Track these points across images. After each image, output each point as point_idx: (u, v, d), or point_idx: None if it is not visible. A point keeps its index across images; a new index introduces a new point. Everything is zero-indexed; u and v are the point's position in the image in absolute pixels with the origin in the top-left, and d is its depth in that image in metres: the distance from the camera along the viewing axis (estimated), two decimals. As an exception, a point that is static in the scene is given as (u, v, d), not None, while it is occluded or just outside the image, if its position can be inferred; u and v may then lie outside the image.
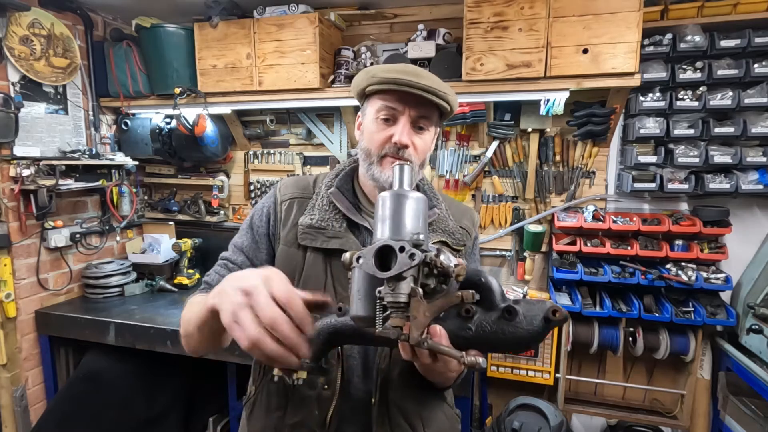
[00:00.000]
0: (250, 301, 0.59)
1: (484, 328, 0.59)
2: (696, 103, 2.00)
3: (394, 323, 0.53)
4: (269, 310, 0.58)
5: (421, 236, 0.54)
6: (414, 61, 2.17)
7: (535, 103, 2.13)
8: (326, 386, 0.89)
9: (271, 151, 2.78)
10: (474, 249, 1.08)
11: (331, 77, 2.31)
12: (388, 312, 0.54)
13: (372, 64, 2.32)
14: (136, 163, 2.63)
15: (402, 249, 0.52)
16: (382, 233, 0.57)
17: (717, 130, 1.99)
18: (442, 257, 0.54)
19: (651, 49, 1.99)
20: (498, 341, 0.59)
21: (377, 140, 0.92)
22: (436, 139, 1.01)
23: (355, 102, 2.27)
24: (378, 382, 0.90)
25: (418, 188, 1.03)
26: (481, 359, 0.57)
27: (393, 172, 0.64)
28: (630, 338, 2.22)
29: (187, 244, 2.64)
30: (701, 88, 2.01)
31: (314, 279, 0.91)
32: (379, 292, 0.54)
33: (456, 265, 0.54)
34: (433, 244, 0.91)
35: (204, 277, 1.00)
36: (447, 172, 2.48)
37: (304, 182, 1.04)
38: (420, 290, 0.53)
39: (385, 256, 0.54)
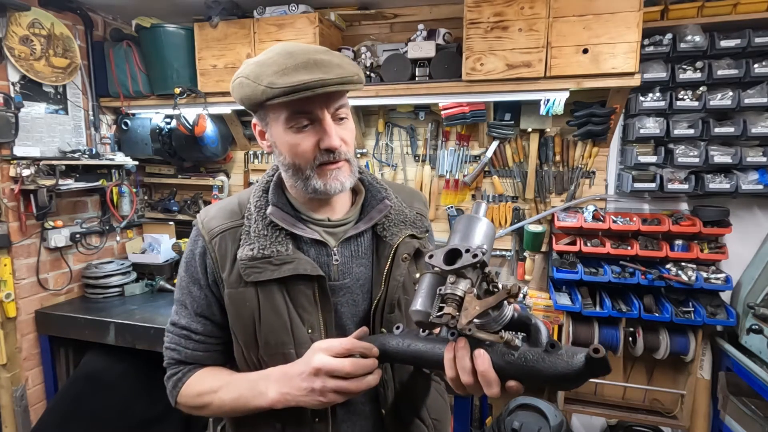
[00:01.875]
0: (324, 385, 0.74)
1: (527, 357, 0.62)
2: (696, 103, 2.00)
3: (447, 311, 0.60)
4: (338, 384, 0.73)
5: (485, 248, 0.65)
6: (414, 62, 2.17)
7: (535, 103, 2.13)
8: (317, 419, 0.83)
9: (271, 151, 2.77)
10: (430, 230, 1.03)
11: (331, 77, 2.31)
12: (443, 307, 0.62)
13: (372, 64, 2.32)
14: (136, 163, 2.63)
15: (467, 250, 0.62)
16: (453, 242, 0.68)
17: (717, 130, 1.99)
18: (494, 271, 0.62)
19: (651, 49, 1.99)
20: (538, 371, 0.61)
21: (304, 152, 0.79)
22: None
23: (355, 102, 2.30)
24: (386, 391, 0.88)
25: (362, 181, 0.95)
26: (517, 340, 0.62)
27: (473, 206, 0.74)
28: (630, 338, 2.22)
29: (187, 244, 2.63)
30: (701, 88, 2.01)
31: (274, 313, 0.82)
32: (440, 289, 0.63)
33: (512, 285, 0.61)
34: (404, 238, 0.90)
35: (167, 346, 0.92)
36: (447, 172, 2.48)
37: (228, 208, 0.91)
38: (475, 290, 0.61)
39: (452, 258, 0.64)
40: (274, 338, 0.83)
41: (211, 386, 0.87)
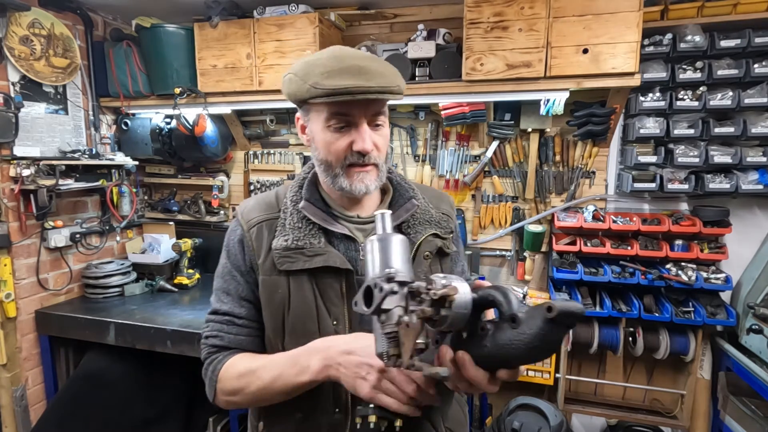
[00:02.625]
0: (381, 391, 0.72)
1: (497, 342, 0.59)
2: (696, 103, 2.00)
3: (390, 352, 0.59)
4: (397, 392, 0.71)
5: (393, 270, 0.59)
6: (414, 62, 2.17)
7: (535, 103, 2.13)
8: (337, 410, 0.85)
9: (271, 151, 2.78)
10: (457, 232, 1.05)
11: (331, 77, 2.31)
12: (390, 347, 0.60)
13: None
14: (136, 163, 2.63)
15: (375, 285, 0.58)
16: (373, 274, 0.63)
17: (717, 130, 1.99)
18: (416, 284, 0.57)
19: (651, 49, 1.99)
20: (510, 352, 0.58)
21: (337, 151, 0.84)
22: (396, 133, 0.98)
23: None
24: None
25: (390, 181, 0.98)
26: (440, 369, 0.60)
27: (375, 219, 0.67)
28: (630, 338, 2.22)
29: (187, 244, 2.64)
30: (701, 88, 2.01)
31: (303, 303, 0.86)
32: (382, 329, 0.60)
33: (441, 288, 0.57)
34: (427, 237, 0.92)
35: (207, 335, 0.94)
36: (447, 172, 2.48)
37: (266, 201, 0.96)
38: (407, 318, 0.56)
39: (369, 298, 0.60)
40: (300, 326, 0.86)
41: (250, 366, 0.86)
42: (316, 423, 0.87)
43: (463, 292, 0.59)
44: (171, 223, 2.82)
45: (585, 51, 1.88)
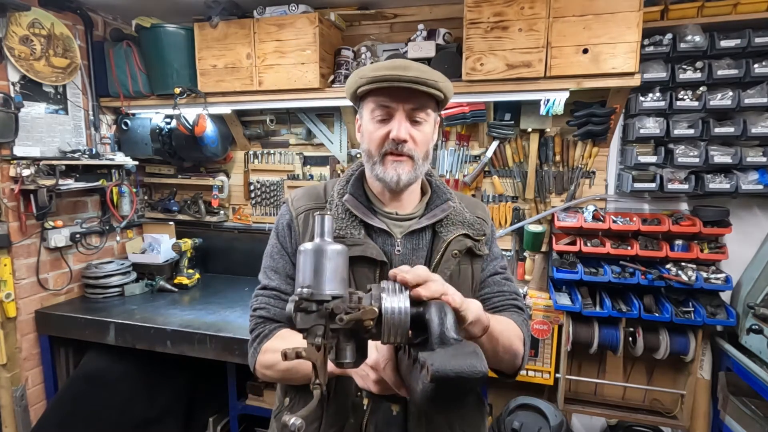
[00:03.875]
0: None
1: (412, 373, 0.58)
2: (696, 103, 2.00)
3: (317, 381, 0.59)
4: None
5: (306, 290, 0.57)
6: (414, 61, 2.17)
7: (535, 103, 2.13)
8: (359, 392, 0.89)
9: (271, 151, 2.78)
10: (493, 237, 1.08)
11: (331, 77, 2.31)
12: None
13: (372, 63, 2.31)
14: (136, 163, 2.63)
15: (293, 302, 0.57)
16: (299, 285, 0.61)
17: (717, 130, 1.99)
18: (332, 304, 0.56)
19: (651, 49, 1.99)
20: (414, 394, 0.56)
21: (376, 139, 0.92)
22: (438, 128, 1.00)
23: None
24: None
25: (430, 184, 1.04)
26: (290, 421, 0.56)
27: (315, 223, 0.65)
28: (630, 338, 2.21)
29: (187, 244, 2.64)
30: (701, 88, 2.01)
31: None
32: None
33: (357, 310, 0.56)
34: (457, 236, 0.96)
35: (255, 307, 0.99)
36: (447, 172, 2.48)
37: (314, 192, 1.04)
38: (319, 340, 0.57)
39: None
40: None
41: (293, 340, 0.88)
42: (339, 404, 0.90)
43: (393, 308, 0.57)
44: (171, 223, 2.82)
45: (585, 51, 1.88)
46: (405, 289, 0.61)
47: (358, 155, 2.62)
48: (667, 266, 2.13)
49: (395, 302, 0.58)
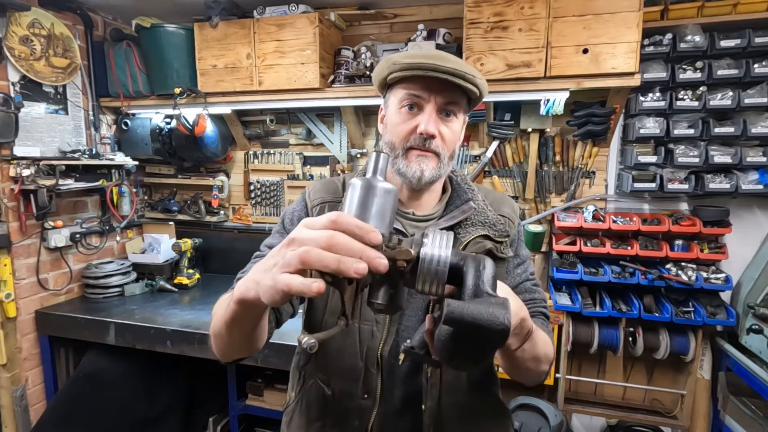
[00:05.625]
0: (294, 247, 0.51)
1: (437, 325, 0.53)
2: (696, 103, 2.00)
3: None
4: (318, 235, 0.49)
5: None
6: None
7: (535, 103, 2.12)
8: (366, 395, 0.86)
9: (271, 151, 2.78)
10: (519, 236, 1.01)
11: (331, 77, 2.31)
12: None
13: (372, 64, 2.31)
14: (136, 163, 2.63)
15: None
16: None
17: (717, 130, 1.99)
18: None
19: (651, 49, 1.99)
20: (436, 343, 0.53)
21: (401, 131, 0.86)
22: (464, 128, 0.93)
23: (355, 102, 2.30)
24: (428, 386, 0.87)
25: (450, 181, 0.99)
26: (304, 339, 0.52)
27: (369, 159, 0.59)
28: (630, 338, 2.22)
29: (187, 244, 2.64)
30: (701, 88, 2.01)
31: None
32: None
33: (395, 249, 0.53)
34: (475, 238, 0.89)
35: (238, 275, 0.92)
36: (447, 172, 2.48)
37: (332, 185, 1.00)
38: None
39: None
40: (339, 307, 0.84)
41: (221, 297, 0.82)
42: (344, 406, 0.88)
43: (432, 255, 0.52)
44: (171, 223, 2.82)
45: (585, 51, 1.88)
46: (450, 240, 0.55)
47: (359, 155, 2.62)
48: (667, 266, 2.13)
49: (435, 249, 0.53)
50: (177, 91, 2.35)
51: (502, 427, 0.98)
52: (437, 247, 0.53)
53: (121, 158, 2.56)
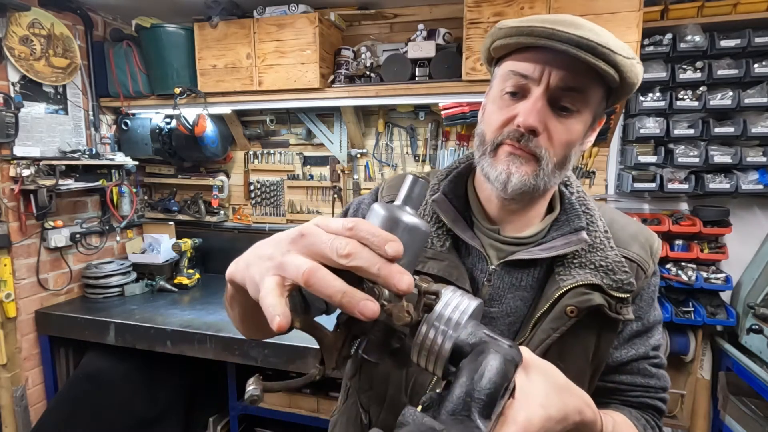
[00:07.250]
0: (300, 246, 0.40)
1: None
2: (696, 103, 2.00)
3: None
4: (330, 240, 0.38)
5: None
6: (414, 62, 2.17)
7: (535, 103, 2.12)
8: (367, 411, 0.78)
9: (271, 151, 2.78)
10: (650, 291, 0.73)
11: (331, 77, 2.31)
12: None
13: (372, 64, 2.31)
14: (136, 163, 2.63)
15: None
16: None
17: (717, 130, 1.99)
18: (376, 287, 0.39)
19: (651, 49, 1.99)
20: None
21: (495, 122, 0.65)
22: (596, 133, 0.70)
23: (355, 102, 2.30)
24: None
25: (561, 197, 0.74)
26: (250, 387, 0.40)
27: (404, 182, 0.44)
28: (630, 338, 2.21)
29: (187, 244, 2.64)
30: (701, 88, 2.01)
31: None
32: None
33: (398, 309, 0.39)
34: (580, 286, 0.64)
35: None
36: (447, 172, 2.48)
37: None
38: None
39: None
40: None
41: None
42: (348, 417, 0.82)
43: (432, 326, 0.41)
44: (171, 223, 2.82)
45: (585, 51, 1.87)
46: (471, 309, 0.42)
47: (359, 155, 2.62)
48: (667, 266, 2.13)
49: (441, 322, 0.41)
50: (177, 91, 2.35)
51: None
52: (444, 318, 0.41)
53: (121, 158, 2.56)
